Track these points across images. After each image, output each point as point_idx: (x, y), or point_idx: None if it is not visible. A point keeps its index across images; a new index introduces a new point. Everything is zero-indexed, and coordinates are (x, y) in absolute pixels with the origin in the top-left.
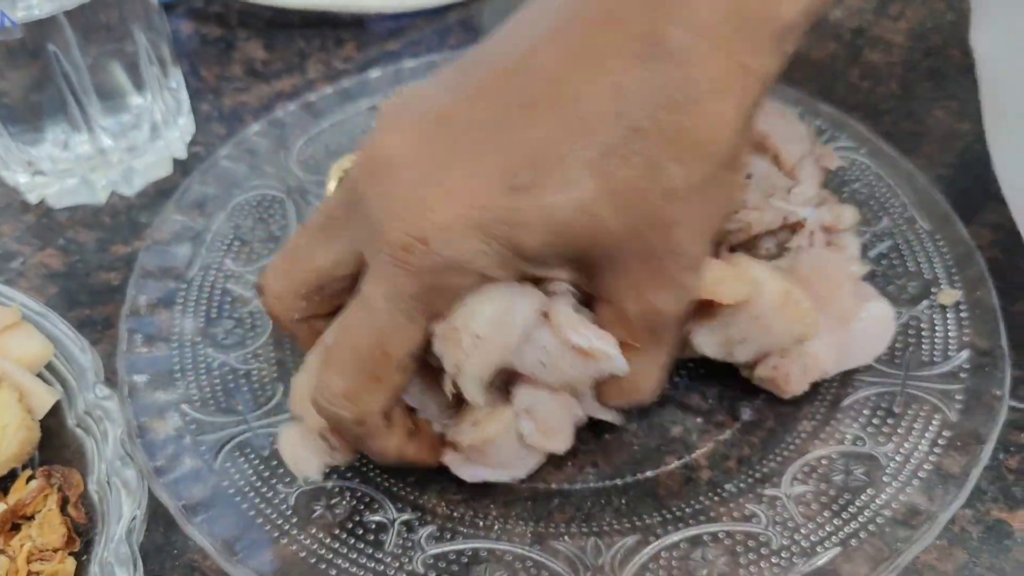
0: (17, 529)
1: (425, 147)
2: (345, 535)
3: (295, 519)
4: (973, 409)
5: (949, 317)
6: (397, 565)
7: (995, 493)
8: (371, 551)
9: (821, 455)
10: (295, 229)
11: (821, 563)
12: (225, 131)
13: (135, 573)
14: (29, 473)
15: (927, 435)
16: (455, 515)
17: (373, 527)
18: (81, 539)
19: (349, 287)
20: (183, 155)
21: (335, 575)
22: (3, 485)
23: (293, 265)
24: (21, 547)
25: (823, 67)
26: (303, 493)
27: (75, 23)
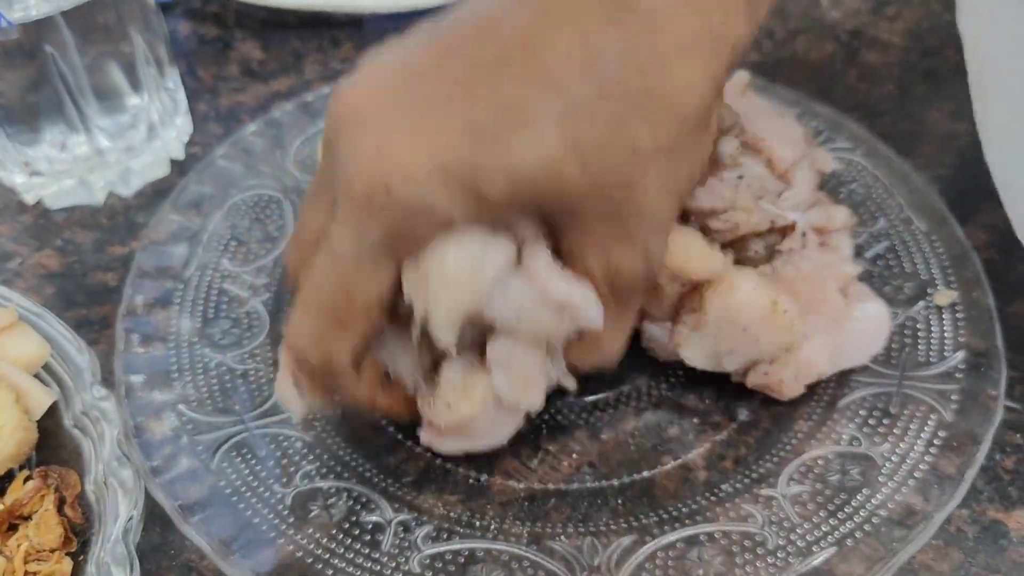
0: (14, 529)
1: (393, 99)
2: (342, 535)
3: (292, 519)
4: (969, 409)
5: (945, 318)
6: (394, 565)
7: (991, 493)
8: (368, 551)
9: (817, 455)
10: (292, 229)
11: (817, 563)
12: (222, 131)
13: (132, 573)
14: (26, 473)
15: (923, 435)
16: (452, 515)
17: (370, 527)
18: (78, 539)
19: None
20: (180, 155)
21: (332, 575)
22: (0, 486)
23: (298, 233)
24: (18, 547)
25: (820, 68)
26: (300, 493)
27: (72, 24)
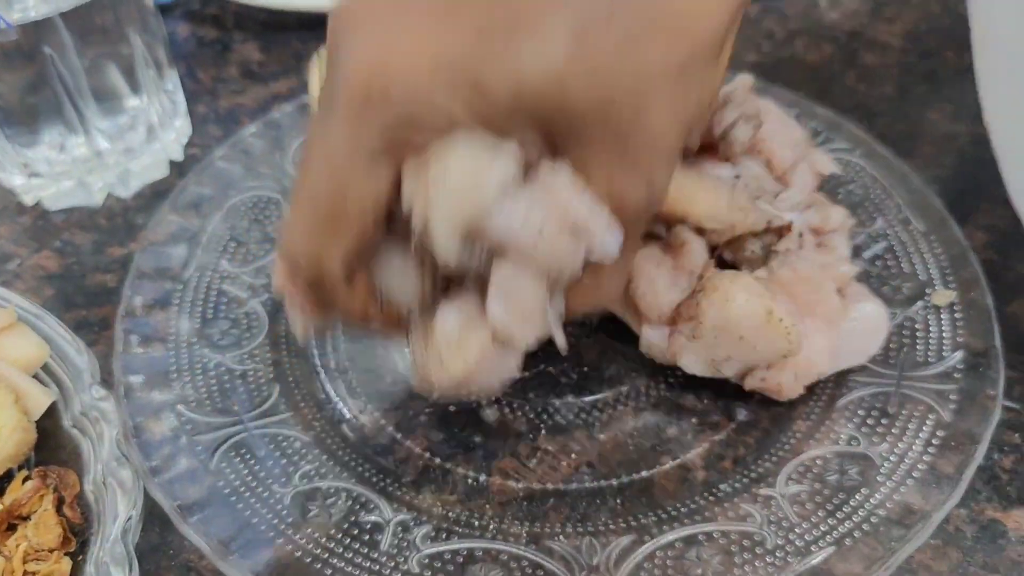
0: (13, 529)
1: (396, 4)
2: (341, 535)
3: (291, 519)
4: (967, 409)
5: (943, 318)
6: (393, 565)
7: (989, 493)
8: (367, 551)
9: (816, 455)
10: None
11: (816, 562)
12: (221, 133)
13: (131, 573)
14: (25, 474)
15: (921, 435)
16: (451, 515)
17: (369, 527)
18: (77, 539)
19: None
20: (179, 157)
21: (331, 575)
22: None
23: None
24: (17, 547)
25: (819, 69)
26: (299, 493)
27: (71, 25)
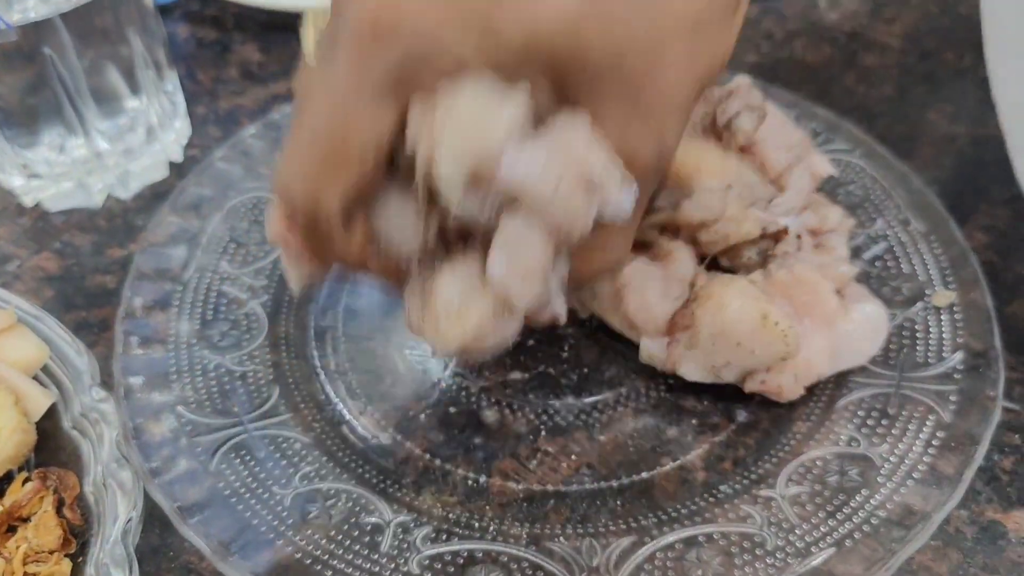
0: (13, 531)
1: None
2: (341, 536)
3: (291, 520)
4: (967, 410)
5: (943, 319)
6: (393, 566)
7: (989, 494)
8: (367, 552)
9: (816, 456)
10: None
11: (816, 563)
12: (221, 134)
13: (131, 574)
14: (25, 475)
15: (921, 436)
16: (451, 516)
17: (369, 528)
18: (77, 541)
19: None
20: (179, 158)
21: None
22: None
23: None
24: (17, 549)
25: (818, 70)
26: (299, 494)
27: (71, 26)
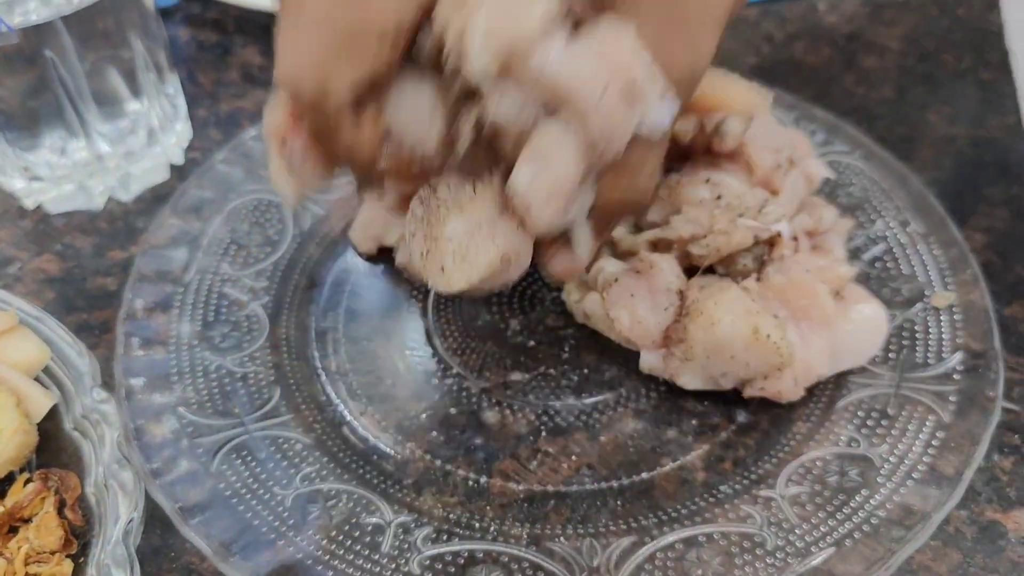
0: (14, 532)
1: None
2: (342, 537)
3: (292, 521)
4: (967, 411)
5: (943, 319)
6: (394, 567)
7: (989, 494)
8: (368, 553)
9: (816, 456)
10: (292, 234)
11: (816, 563)
12: (222, 136)
13: (132, 575)
14: (26, 476)
15: (921, 436)
16: (451, 517)
17: (370, 529)
18: (78, 541)
19: None
20: (180, 160)
21: None
22: (1, 488)
23: None
24: (18, 549)
25: (818, 72)
26: (300, 495)
27: (72, 29)
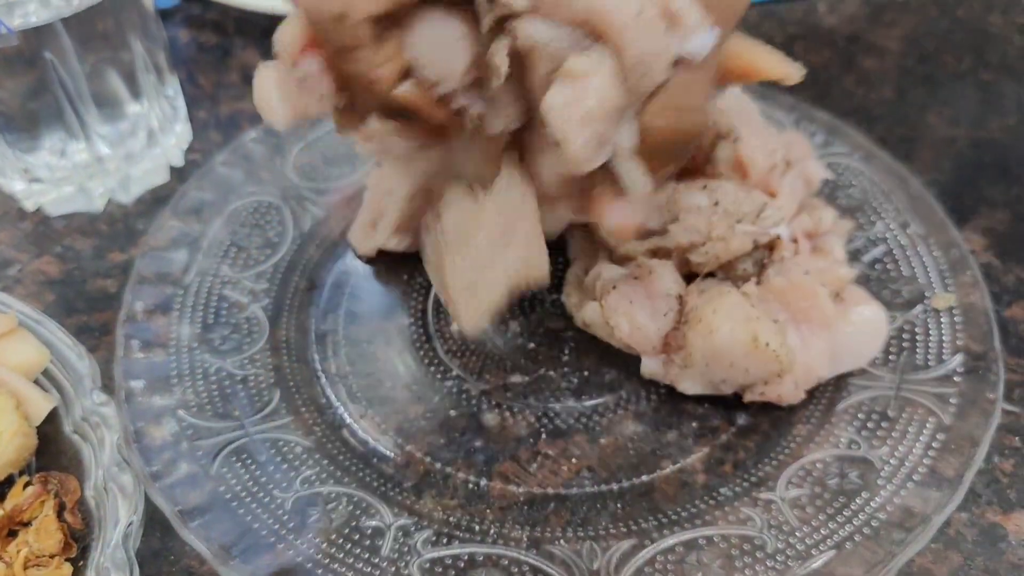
0: (14, 535)
1: None
2: (342, 540)
3: (292, 524)
4: (967, 413)
5: (943, 321)
6: (394, 570)
7: (989, 496)
8: (368, 556)
9: (816, 459)
10: (292, 235)
11: (816, 566)
12: (222, 138)
13: None
14: (26, 479)
15: (921, 438)
16: (451, 520)
17: (370, 532)
18: (78, 545)
19: None
20: (180, 162)
21: None
22: (0, 491)
23: None
24: (18, 553)
25: (818, 74)
26: (300, 498)
27: (72, 31)
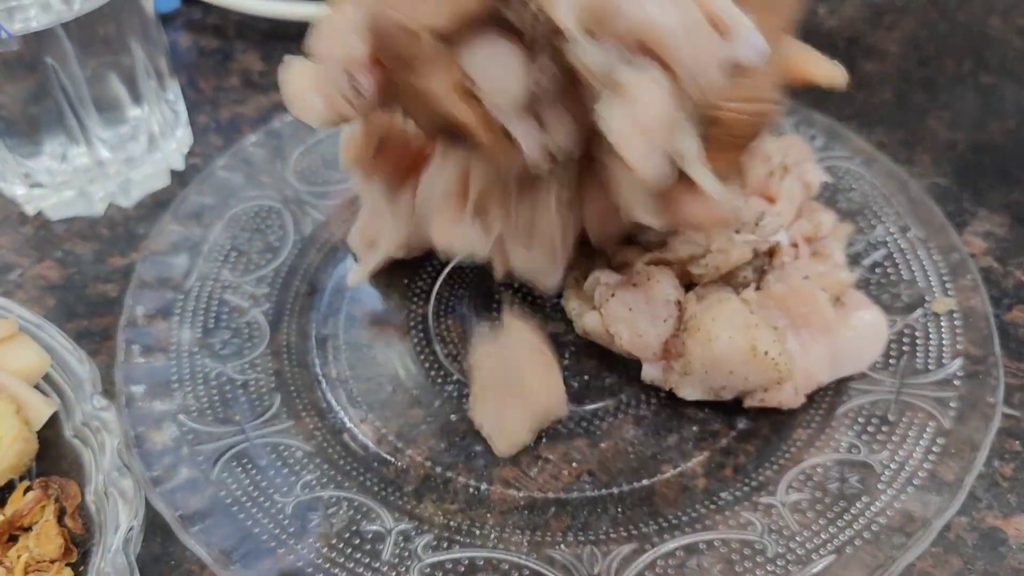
0: (14, 540)
1: None
2: (342, 545)
3: (292, 529)
4: (967, 417)
5: (943, 325)
6: (394, 575)
7: (989, 500)
8: (368, 560)
9: (816, 463)
10: (292, 240)
11: (816, 570)
12: (222, 142)
13: None
14: (26, 484)
15: (921, 443)
16: (452, 524)
17: (370, 537)
18: (78, 550)
19: None
20: (180, 166)
21: None
22: (0, 496)
23: None
24: (18, 558)
25: None
26: (300, 503)
27: (73, 36)
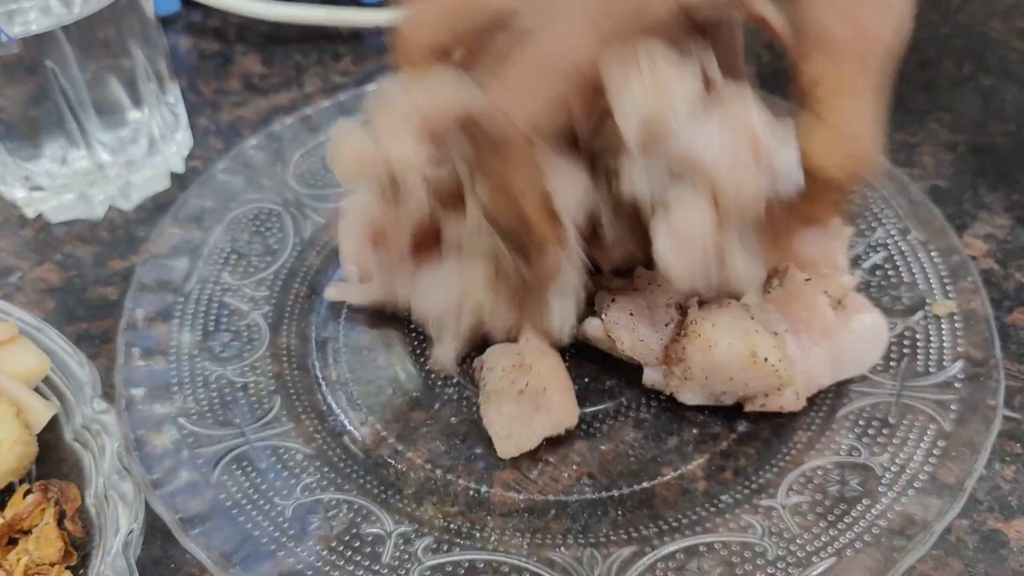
0: (14, 543)
1: None
2: (342, 547)
3: (292, 532)
4: (968, 419)
5: (943, 327)
6: None
7: (990, 503)
8: (368, 563)
9: (817, 466)
10: (292, 242)
11: (817, 573)
12: (222, 145)
13: None
14: (26, 487)
15: (922, 445)
16: (452, 527)
17: (370, 539)
18: (78, 553)
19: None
20: (181, 169)
21: None
22: (0, 499)
23: None
24: (18, 561)
25: None
26: (300, 505)
27: (73, 39)
